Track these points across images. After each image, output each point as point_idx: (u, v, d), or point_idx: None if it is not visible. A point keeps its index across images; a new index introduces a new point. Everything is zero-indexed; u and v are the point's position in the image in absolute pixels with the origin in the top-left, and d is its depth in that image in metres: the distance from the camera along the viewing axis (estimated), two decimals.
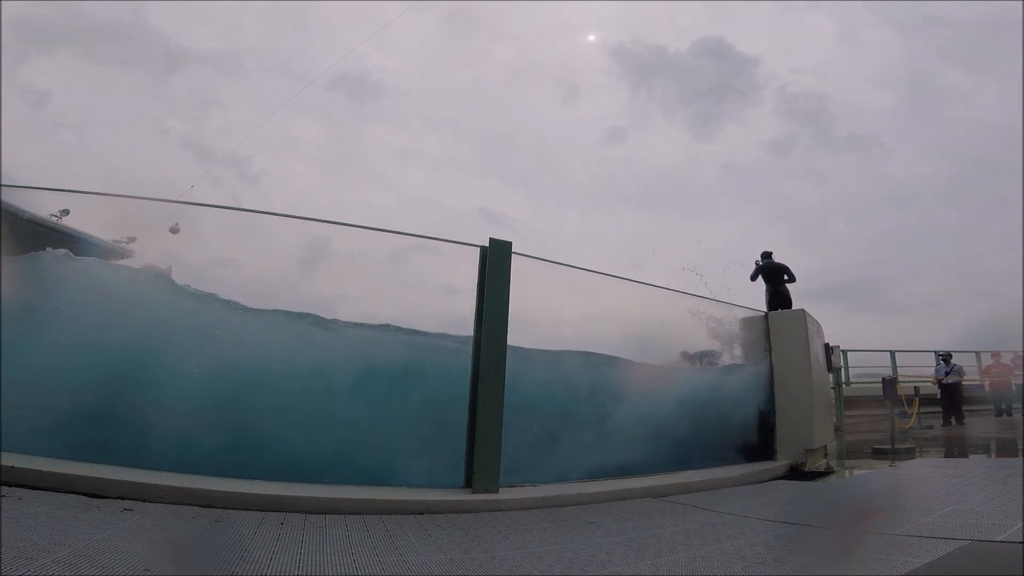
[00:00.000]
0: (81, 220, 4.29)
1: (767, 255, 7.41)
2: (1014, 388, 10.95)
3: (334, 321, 4.34)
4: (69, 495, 2.81)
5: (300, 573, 2.12)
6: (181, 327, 3.93)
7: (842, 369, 10.12)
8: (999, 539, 2.54)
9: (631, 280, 5.40)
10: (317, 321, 4.28)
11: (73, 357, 3.53)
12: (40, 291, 3.68)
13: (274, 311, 4.26)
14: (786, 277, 7.32)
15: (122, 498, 2.88)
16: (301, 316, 4.26)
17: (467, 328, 4.19)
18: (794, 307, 6.98)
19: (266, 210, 4.28)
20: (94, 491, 2.89)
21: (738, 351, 6.76)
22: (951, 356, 10.53)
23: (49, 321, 3.63)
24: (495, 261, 4.29)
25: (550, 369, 4.93)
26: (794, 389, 6.19)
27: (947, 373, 10.28)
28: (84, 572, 1.85)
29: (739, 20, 33.86)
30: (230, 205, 4.34)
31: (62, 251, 3.85)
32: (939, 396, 10.33)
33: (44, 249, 3.85)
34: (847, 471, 5.88)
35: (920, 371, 11.09)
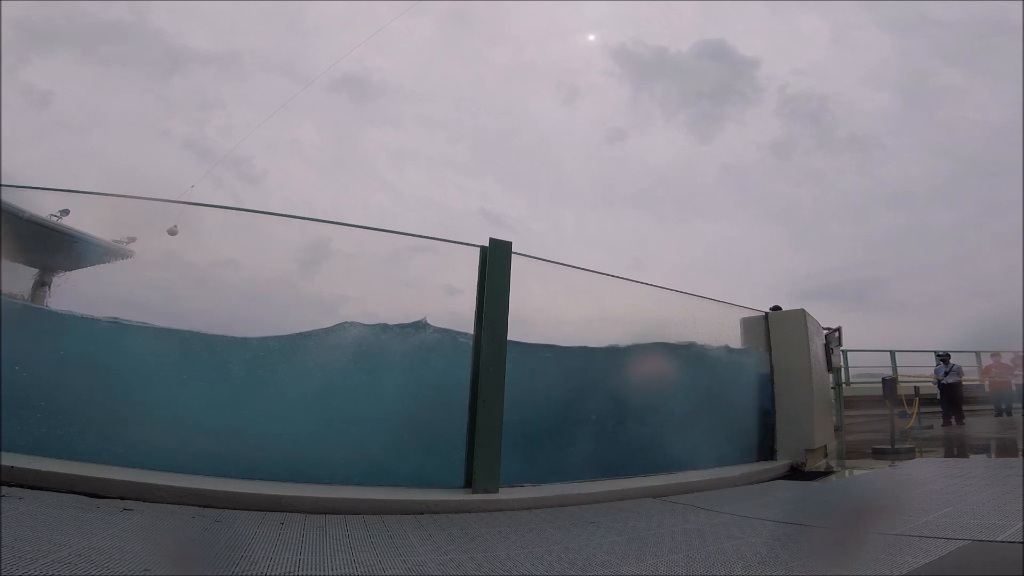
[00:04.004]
0: (81, 220, 4.29)
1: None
2: (1014, 388, 10.96)
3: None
4: (69, 495, 2.81)
5: (300, 573, 2.12)
6: None
7: (842, 369, 10.12)
8: (999, 539, 2.54)
9: (631, 280, 5.40)
10: None
11: None
12: None
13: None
14: None
15: (122, 498, 2.88)
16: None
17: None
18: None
19: (267, 210, 4.29)
20: (94, 491, 2.89)
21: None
22: (949, 356, 10.53)
23: None
24: (495, 261, 4.29)
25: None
26: (794, 389, 6.19)
27: (946, 373, 10.28)
28: (84, 572, 1.85)
29: (738, 22, 33.91)
30: (231, 205, 4.34)
31: None
32: (939, 396, 10.33)
33: None
34: (847, 471, 5.88)
35: (920, 371, 11.10)
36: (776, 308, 7.01)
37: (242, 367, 3.99)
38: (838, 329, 8.20)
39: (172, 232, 4.04)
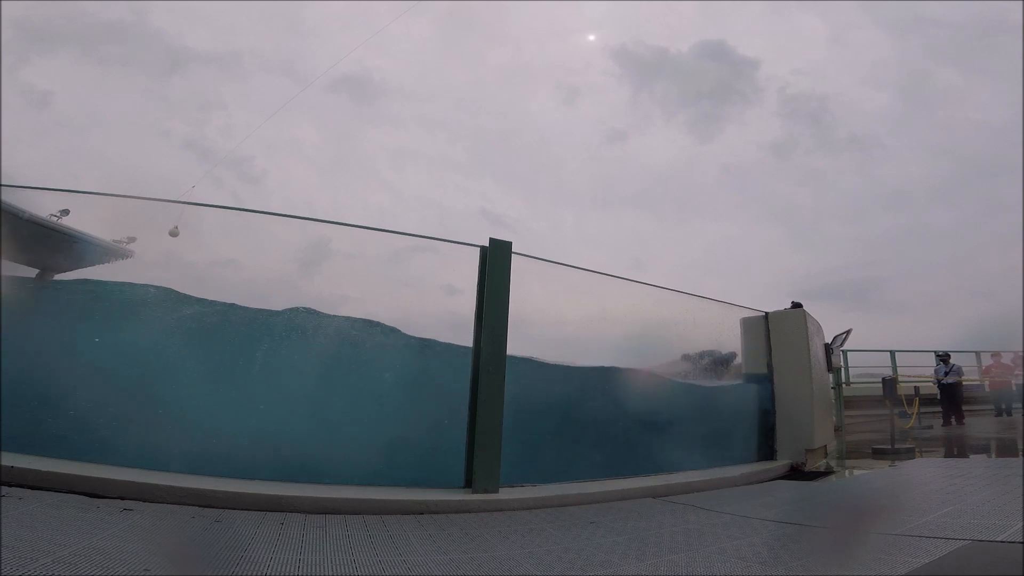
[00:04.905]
0: (81, 220, 4.28)
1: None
2: (1014, 388, 10.95)
3: None
4: (69, 495, 2.81)
5: (300, 573, 2.12)
6: None
7: (842, 369, 10.12)
8: (999, 539, 2.54)
9: (631, 280, 5.40)
10: None
11: None
12: None
13: None
14: None
15: (122, 498, 2.88)
16: None
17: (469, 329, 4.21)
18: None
19: (267, 210, 4.29)
20: (94, 491, 2.88)
21: (738, 351, 6.75)
22: (949, 356, 10.52)
23: None
24: (495, 261, 4.29)
25: None
26: (794, 389, 6.19)
27: (946, 373, 10.28)
28: (84, 572, 1.85)
29: (738, 22, 33.90)
30: (231, 205, 4.33)
31: None
32: (939, 396, 10.33)
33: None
34: (847, 471, 5.88)
35: (920, 371, 11.09)
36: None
37: None
38: (847, 332, 8.18)
39: (173, 234, 4.04)
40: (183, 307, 3.95)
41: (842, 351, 9.43)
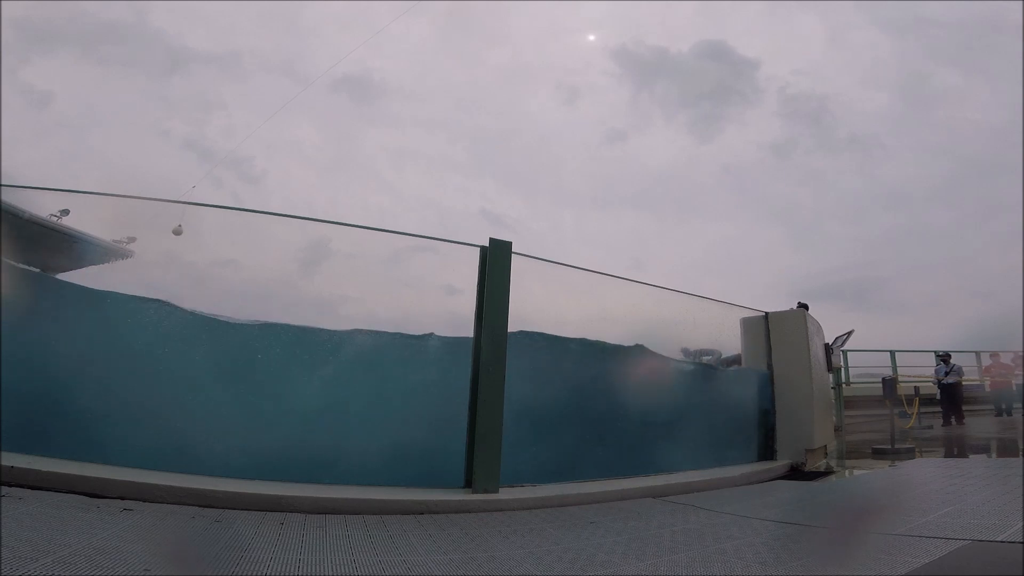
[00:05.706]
0: (81, 220, 4.28)
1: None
2: (1014, 388, 10.96)
3: None
4: (69, 495, 2.81)
5: (300, 573, 2.12)
6: None
7: (842, 369, 10.12)
8: (999, 539, 2.54)
9: (631, 280, 5.41)
10: None
11: None
12: None
13: None
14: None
15: (122, 498, 2.88)
16: None
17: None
18: (792, 307, 6.96)
19: (267, 210, 4.29)
20: (94, 491, 2.89)
21: (738, 351, 6.76)
22: (950, 356, 10.52)
23: None
24: (495, 261, 4.29)
25: None
26: (794, 389, 6.20)
27: (947, 373, 10.28)
28: (83, 572, 1.85)
29: (738, 22, 33.85)
30: (232, 205, 4.33)
31: None
32: (939, 396, 10.33)
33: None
34: (847, 471, 5.89)
35: (920, 371, 11.09)
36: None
37: None
38: (848, 333, 8.19)
39: (177, 232, 4.05)
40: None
41: (842, 351, 9.44)
